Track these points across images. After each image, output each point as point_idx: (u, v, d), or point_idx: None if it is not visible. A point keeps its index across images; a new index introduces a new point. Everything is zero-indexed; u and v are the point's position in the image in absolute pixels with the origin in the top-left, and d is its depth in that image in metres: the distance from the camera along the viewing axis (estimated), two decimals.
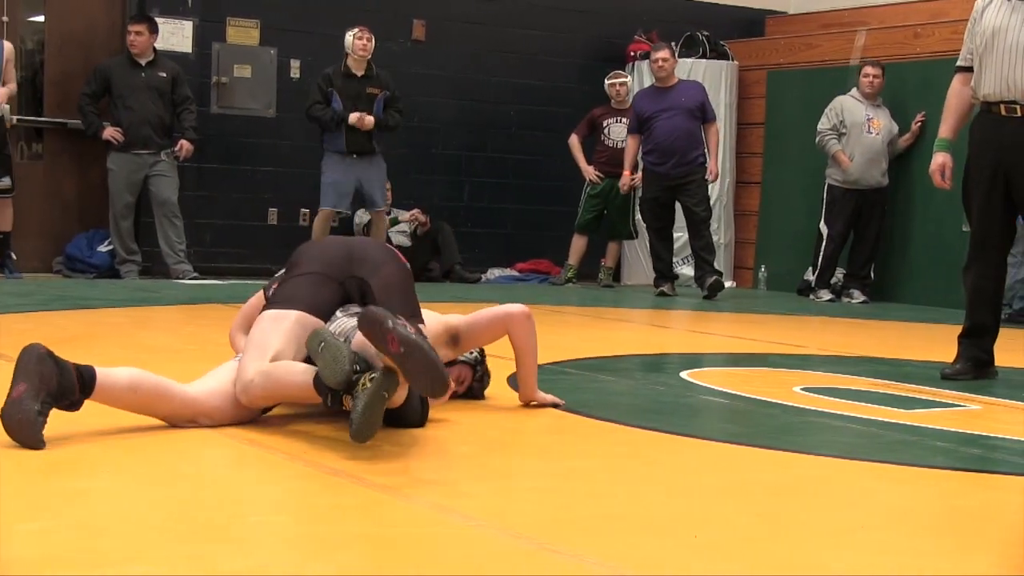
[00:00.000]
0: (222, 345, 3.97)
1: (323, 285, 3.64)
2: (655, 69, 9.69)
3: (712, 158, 9.64)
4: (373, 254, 3.76)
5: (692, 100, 9.57)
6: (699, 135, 9.61)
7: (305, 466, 3.13)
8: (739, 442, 3.73)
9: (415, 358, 3.07)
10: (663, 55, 9.61)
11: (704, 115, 9.60)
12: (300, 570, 2.31)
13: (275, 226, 10.18)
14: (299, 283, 3.64)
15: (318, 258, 3.72)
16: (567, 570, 2.37)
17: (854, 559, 2.54)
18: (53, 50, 9.78)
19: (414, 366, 3.08)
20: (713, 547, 2.57)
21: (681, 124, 9.48)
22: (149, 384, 3.39)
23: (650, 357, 6.01)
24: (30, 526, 2.49)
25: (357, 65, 9.45)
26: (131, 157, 9.26)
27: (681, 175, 9.47)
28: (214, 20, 10.12)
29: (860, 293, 9.77)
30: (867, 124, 9.69)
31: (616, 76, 10.31)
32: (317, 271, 3.66)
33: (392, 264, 3.75)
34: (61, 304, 7.06)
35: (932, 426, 4.20)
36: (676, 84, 9.70)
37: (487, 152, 11.18)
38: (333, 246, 3.84)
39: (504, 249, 11.12)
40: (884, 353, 6.48)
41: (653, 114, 9.53)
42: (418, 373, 3.10)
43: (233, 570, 2.27)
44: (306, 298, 3.59)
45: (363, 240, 4.05)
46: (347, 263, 3.69)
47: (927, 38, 10.21)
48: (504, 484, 3.12)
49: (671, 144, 9.45)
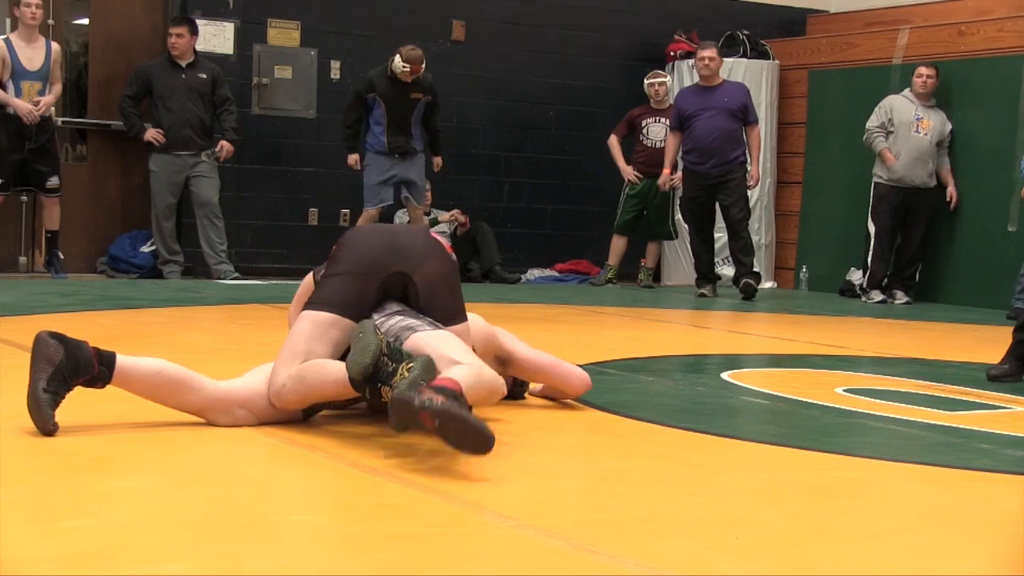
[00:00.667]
0: (263, 345, 3.99)
1: (362, 285, 3.58)
2: (700, 67, 9.63)
3: (753, 162, 9.58)
4: (417, 246, 3.67)
5: (735, 101, 9.52)
6: (739, 136, 9.55)
7: (344, 465, 3.13)
8: (779, 443, 3.71)
9: (452, 427, 2.98)
10: (709, 54, 9.56)
11: (746, 117, 9.53)
12: (338, 569, 2.31)
13: (315, 226, 10.22)
14: (338, 283, 3.58)
15: (359, 255, 3.64)
16: (605, 570, 2.36)
17: (896, 562, 2.52)
18: (97, 52, 9.86)
19: (454, 434, 2.99)
20: (753, 549, 2.55)
21: (721, 124, 9.43)
22: (175, 371, 3.40)
23: (690, 358, 5.99)
24: (67, 524, 2.50)
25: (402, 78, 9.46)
26: (172, 158, 9.32)
27: (720, 175, 9.42)
28: (255, 22, 10.17)
29: (903, 294, 9.69)
30: (916, 124, 9.62)
31: (655, 76, 10.28)
32: (356, 271, 3.60)
33: (436, 258, 3.67)
34: (105, 304, 7.12)
35: (975, 428, 4.16)
36: (720, 84, 9.65)
37: (526, 152, 11.18)
38: (375, 239, 3.74)
39: (543, 249, 11.12)
40: (926, 354, 6.43)
41: (694, 112, 9.49)
42: (461, 441, 3.01)
43: (270, 569, 2.28)
44: (344, 300, 3.53)
45: (408, 230, 3.93)
46: (389, 257, 3.62)
47: (972, 36, 10.12)
48: (543, 484, 3.12)
49: (710, 144, 9.41)
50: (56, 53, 8.92)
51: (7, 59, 8.72)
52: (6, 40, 8.82)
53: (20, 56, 8.76)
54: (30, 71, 8.78)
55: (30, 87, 8.77)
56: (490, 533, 2.61)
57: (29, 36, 8.83)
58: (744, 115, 9.53)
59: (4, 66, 8.73)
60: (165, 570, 2.24)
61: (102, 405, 3.52)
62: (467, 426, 2.99)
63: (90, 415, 3.47)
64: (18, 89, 8.73)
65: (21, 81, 8.75)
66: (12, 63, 8.73)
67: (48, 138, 8.88)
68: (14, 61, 8.74)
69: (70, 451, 3.15)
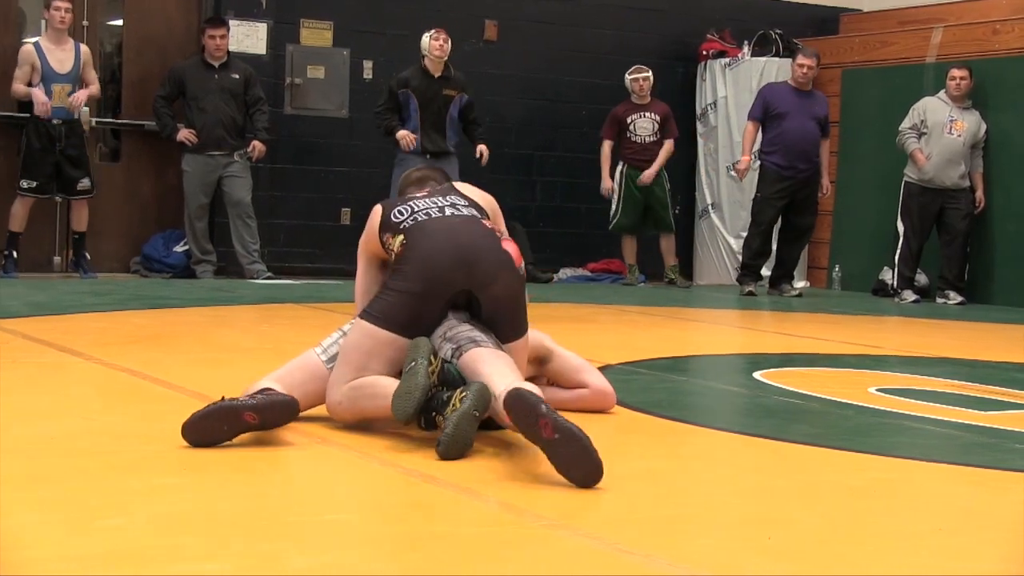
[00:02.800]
0: (297, 344, 4.00)
1: (428, 304, 3.50)
2: (799, 74, 9.65)
3: (825, 173, 9.72)
4: (488, 260, 3.54)
5: (822, 112, 9.69)
6: (819, 145, 9.67)
7: (380, 465, 3.15)
8: (813, 443, 3.70)
9: (570, 448, 2.87)
10: (810, 63, 9.65)
11: (825, 128, 9.67)
12: (373, 569, 2.32)
13: (348, 226, 10.24)
14: (401, 301, 3.49)
15: (426, 270, 3.50)
16: (638, 570, 2.37)
17: (930, 563, 2.51)
18: (131, 53, 9.92)
19: (568, 454, 2.89)
20: (786, 549, 2.54)
21: (813, 130, 9.58)
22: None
23: (722, 357, 5.98)
24: (108, 522, 2.53)
25: (435, 67, 9.47)
26: (205, 158, 9.36)
27: (805, 178, 9.55)
28: (288, 22, 10.20)
29: (956, 294, 9.61)
30: (949, 125, 9.55)
31: (638, 71, 10.17)
32: (420, 291, 3.48)
33: (505, 274, 3.56)
34: (138, 304, 7.16)
35: (1011, 428, 4.14)
36: (811, 91, 9.77)
37: (559, 152, 11.18)
38: (444, 246, 3.53)
39: (576, 249, 11.10)
40: (961, 354, 6.39)
41: (786, 112, 9.56)
42: (571, 463, 2.89)
43: (305, 569, 2.29)
44: (405, 322, 3.47)
45: (478, 237, 3.60)
46: (456, 274, 3.50)
47: (1007, 34, 10.04)
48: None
49: (803, 147, 9.52)
50: (85, 55, 8.97)
51: (37, 63, 8.78)
52: (35, 44, 8.88)
53: (50, 59, 8.82)
54: (60, 74, 8.84)
55: (60, 89, 8.83)
56: (523, 533, 2.61)
57: (58, 39, 8.88)
58: (825, 125, 9.67)
59: (34, 71, 8.79)
60: (203, 569, 2.26)
61: (137, 405, 3.54)
62: (584, 450, 2.87)
63: (126, 415, 3.50)
64: (48, 92, 8.79)
65: (52, 84, 8.81)
66: (42, 66, 8.79)
67: (79, 141, 8.95)
68: (44, 64, 8.79)
69: (106, 450, 3.18)
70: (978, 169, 9.65)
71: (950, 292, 9.64)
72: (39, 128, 8.81)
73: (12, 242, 8.90)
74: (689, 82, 11.47)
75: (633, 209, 10.16)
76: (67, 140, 8.87)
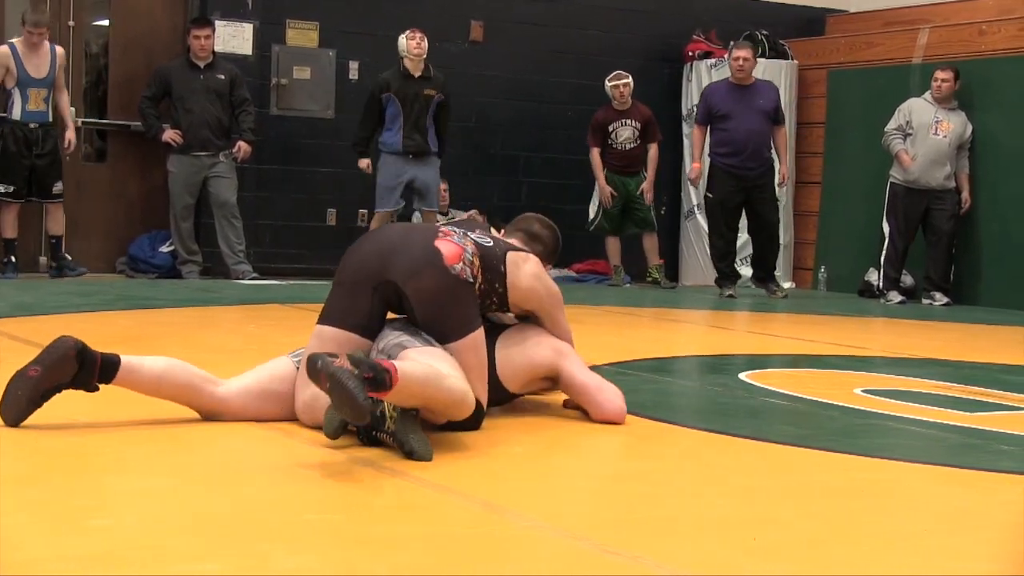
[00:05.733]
0: (282, 345, 4.00)
1: (355, 296, 3.56)
2: (735, 68, 9.56)
3: (782, 162, 9.60)
4: (411, 253, 3.55)
5: (770, 102, 9.51)
6: (770, 136, 9.55)
7: (363, 466, 3.14)
8: (798, 444, 3.70)
9: (336, 392, 3.01)
10: (744, 54, 9.51)
11: (776, 117, 9.55)
12: (357, 570, 2.32)
13: (334, 227, 10.23)
14: (335, 295, 3.61)
15: (354, 263, 3.62)
16: (625, 571, 2.37)
17: (917, 563, 2.51)
18: (117, 53, 9.89)
19: (336, 398, 3.03)
20: (772, 550, 2.55)
21: (759, 125, 9.41)
22: (179, 379, 3.46)
23: (708, 358, 5.98)
24: (96, 523, 2.52)
25: (414, 66, 9.47)
26: (190, 159, 9.34)
27: (757, 176, 9.42)
28: (274, 22, 10.19)
29: (942, 295, 9.62)
30: (934, 126, 9.57)
31: (618, 77, 10.14)
32: (347, 280, 3.60)
33: (431, 270, 3.52)
34: (124, 304, 7.15)
35: (996, 429, 4.14)
36: (753, 83, 9.62)
37: (545, 153, 11.18)
38: (370, 245, 3.66)
39: (562, 250, 11.08)
40: (947, 355, 6.40)
41: (728, 112, 9.44)
42: (339, 404, 3.04)
43: (294, 569, 2.29)
44: (343, 311, 3.56)
45: (410, 236, 3.67)
46: (378, 265, 3.55)
47: (993, 35, 10.07)
48: (561, 485, 3.12)
49: (749, 145, 9.37)
50: (61, 58, 8.93)
51: (12, 67, 8.73)
52: (11, 46, 8.82)
53: (26, 63, 8.76)
54: (36, 79, 8.79)
55: (36, 94, 8.80)
56: (509, 534, 2.61)
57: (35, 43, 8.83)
58: (776, 115, 9.54)
59: (8, 74, 8.75)
60: (193, 569, 2.25)
61: (121, 405, 3.53)
62: (346, 394, 2.99)
63: (109, 414, 3.49)
64: (25, 96, 8.76)
65: (28, 88, 8.78)
66: (17, 71, 8.74)
67: (53, 144, 8.92)
68: (19, 69, 8.74)
69: (91, 450, 3.17)
70: (964, 170, 9.67)
71: (936, 293, 9.66)
72: (15, 131, 8.78)
73: (9, 248, 8.92)
74: (675, 83, 11.49)
75: (613, 211, 10.17)
76: (43, 144, 8.85)
